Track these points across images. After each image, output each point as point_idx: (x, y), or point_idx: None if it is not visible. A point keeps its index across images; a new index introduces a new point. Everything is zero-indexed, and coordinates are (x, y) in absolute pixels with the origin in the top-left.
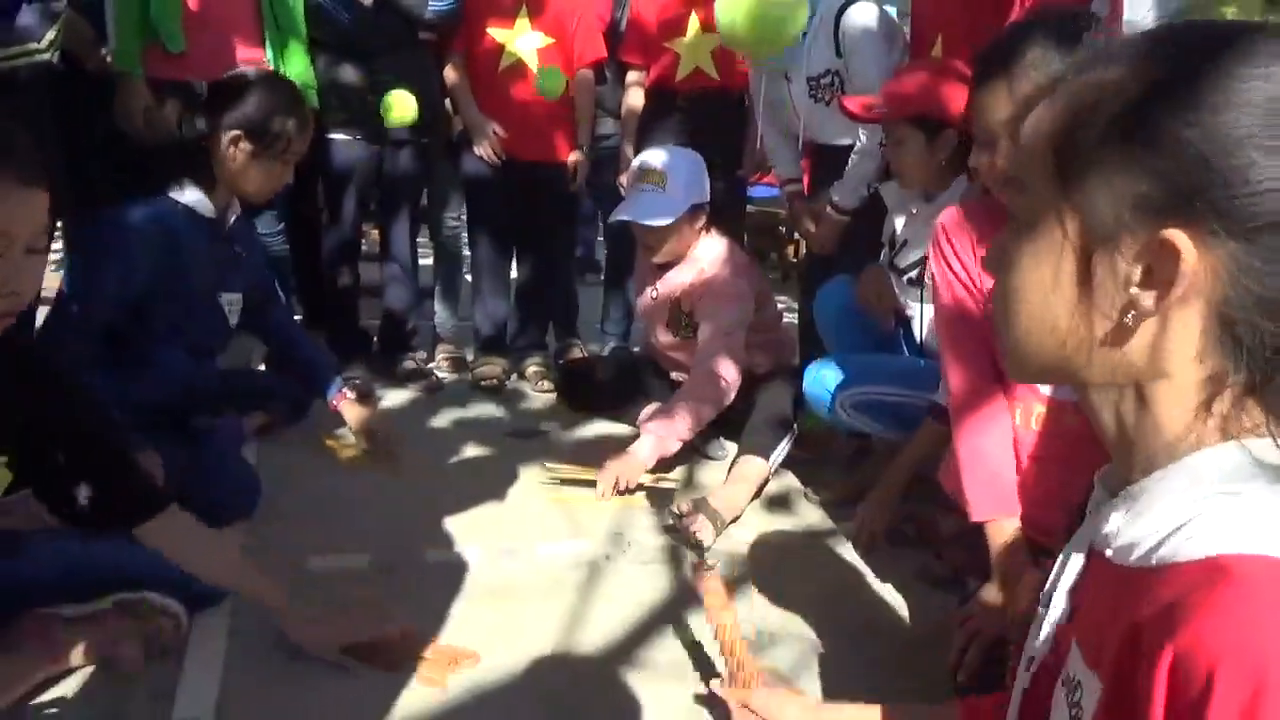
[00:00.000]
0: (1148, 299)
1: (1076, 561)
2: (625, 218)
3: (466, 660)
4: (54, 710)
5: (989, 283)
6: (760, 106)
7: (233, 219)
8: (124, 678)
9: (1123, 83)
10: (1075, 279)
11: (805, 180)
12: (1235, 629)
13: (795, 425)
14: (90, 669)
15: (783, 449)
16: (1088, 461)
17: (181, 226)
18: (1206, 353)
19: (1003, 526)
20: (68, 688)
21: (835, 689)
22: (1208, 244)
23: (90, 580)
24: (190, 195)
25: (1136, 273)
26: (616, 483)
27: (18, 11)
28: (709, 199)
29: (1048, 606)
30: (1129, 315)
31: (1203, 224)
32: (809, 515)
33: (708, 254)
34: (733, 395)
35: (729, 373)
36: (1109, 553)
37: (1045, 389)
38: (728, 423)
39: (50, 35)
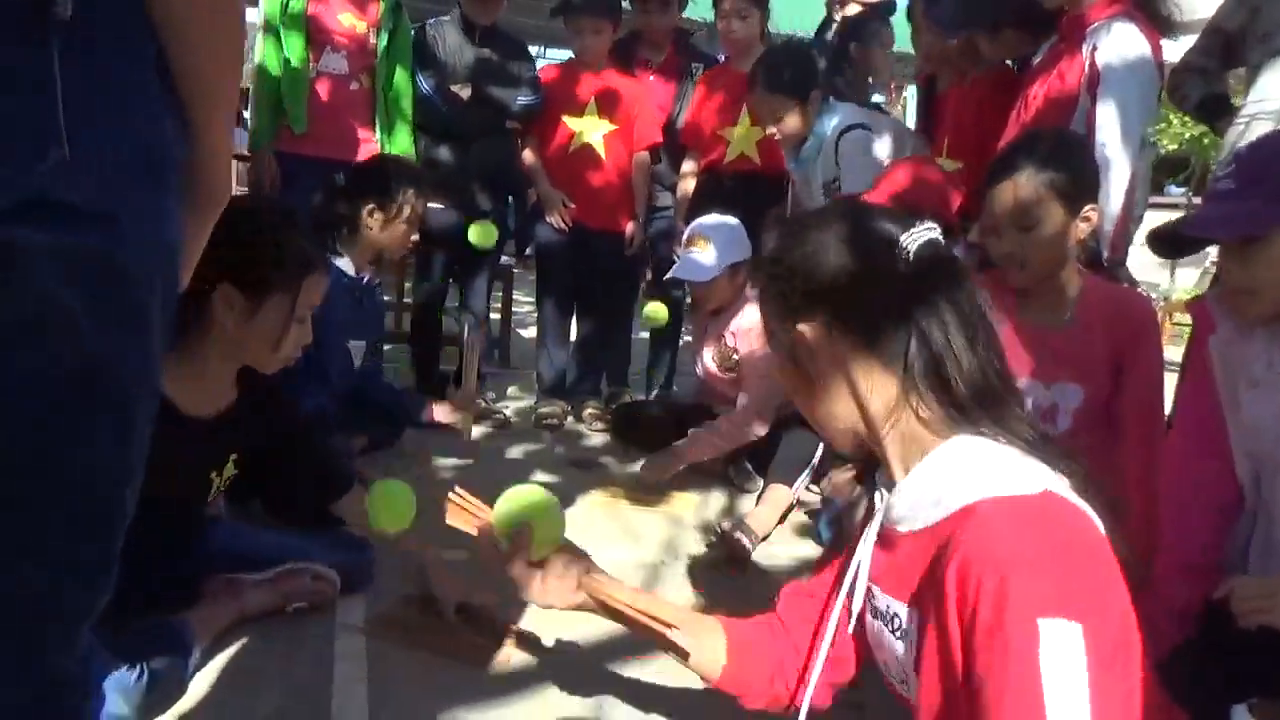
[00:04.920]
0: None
1: (870, 535)
2: (675, 276)
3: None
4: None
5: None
6: (799, 189)
7: (366, 279)
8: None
9: (769, 283)
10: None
11: None
12: (982, 544)
13: (815, 464)
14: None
15: (802, 481)
16: None
17: (334, 286)
18: (881, 384)
19: None
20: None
21: None
22: (817, 324)
23: (264, 555)
24: (341, 261)
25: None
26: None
27: None
28: (749, 256)
29: (853, 567)
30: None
31: (805, 316)
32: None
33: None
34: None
35: (757, 432)
36: (899, 527)
37: None
38: (757, 459)
39: None
